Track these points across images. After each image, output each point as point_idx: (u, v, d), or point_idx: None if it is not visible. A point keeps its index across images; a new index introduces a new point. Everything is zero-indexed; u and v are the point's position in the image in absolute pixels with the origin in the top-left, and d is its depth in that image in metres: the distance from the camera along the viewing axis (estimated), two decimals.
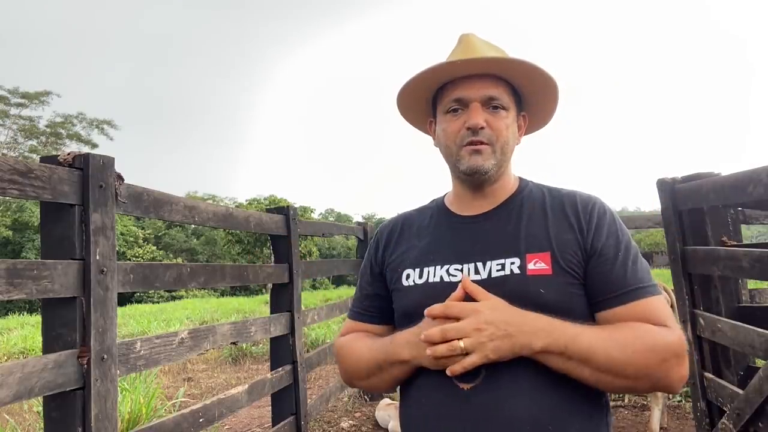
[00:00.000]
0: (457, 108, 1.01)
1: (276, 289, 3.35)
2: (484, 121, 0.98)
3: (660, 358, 0.85)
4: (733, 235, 2.60)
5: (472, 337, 0.85)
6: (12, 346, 9.15)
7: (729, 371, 2.50)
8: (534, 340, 0.85)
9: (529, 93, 1.08)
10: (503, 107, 1.01)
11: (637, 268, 0.94)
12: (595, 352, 0.85)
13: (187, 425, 2.14)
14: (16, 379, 1.43)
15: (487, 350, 0.85)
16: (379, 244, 1.15)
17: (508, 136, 1.01)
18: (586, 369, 0.86)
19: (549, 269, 0.93)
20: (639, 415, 3.99)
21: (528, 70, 1.00)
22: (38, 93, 30.44)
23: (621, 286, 0.92)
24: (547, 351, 0.86)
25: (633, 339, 0.86)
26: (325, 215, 66.01)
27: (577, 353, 0.85)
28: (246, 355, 7.63)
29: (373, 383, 1.05)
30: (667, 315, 0.91)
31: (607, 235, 0.96)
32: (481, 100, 1.00)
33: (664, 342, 0.86)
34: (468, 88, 1.00)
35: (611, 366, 0.84)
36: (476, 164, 0.99)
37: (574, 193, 1.04)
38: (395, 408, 3.92)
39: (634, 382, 0.86)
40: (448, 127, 1.02)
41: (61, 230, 1.66)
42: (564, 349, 0.85)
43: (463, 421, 0.89)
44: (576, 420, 0.89)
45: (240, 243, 33.90)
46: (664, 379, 0.86)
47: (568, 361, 0.86)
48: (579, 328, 0.87)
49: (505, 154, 1.02)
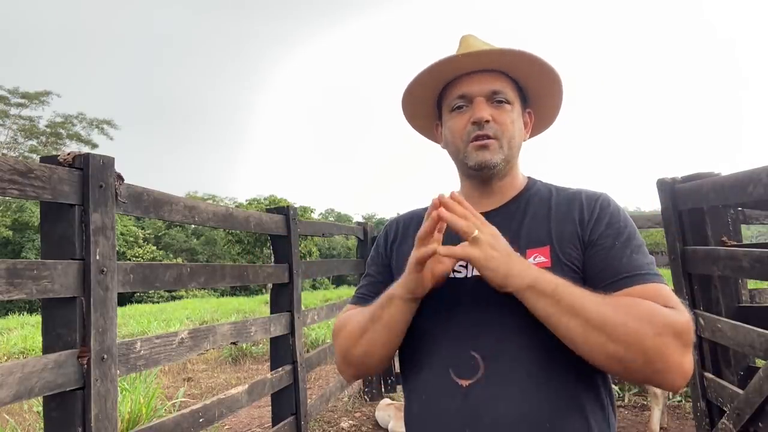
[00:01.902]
0: (462, 105, 1.01)
1: (276, 289, 3.35)
2: (489, 115, 0.98)
3: (655, 330, 0.77)
4: (733, 235, 2.60)
5: (485, 235, 0.85)
6: (12, 346, 9.16)
7: (729, 371, 2.50)
8: (526, 272, 0.84)
9: (533, 88, 1.07)
10: (507, 101, 1.01)
11: (638, 257, 0.90)
12: (586, 304, 0.81)
13: (187, 425, 2.14)
14: (16, 379, 1.43)
15: (486, 254, 0.84)
16: (387, 237, 1.15)
17: (513, 130, 1.01)
18: (575, 320, 0.80)
19: (548, 262, 0.92)
20: (639, 415, 3.99)
21: (528, 60, 1.00)
22: (38, 93, 30.46)
23: (617, 272, 0.88)
24: (535, 286, 0.83)
25: (630, 304, 0.81)
26: (325, 215, 66.03)
27: (568, 298, 0.81)
28: (246, 355, 7.63)
29: (365, 344, 0.96)
30: (673, 299, 0.84)
31: (607, 225, 0.95)
32: (485, 95, 0.99)
33: (663, 315, 0.79)
34: (471, 84, 1.00)
35: (602, 323, 0.79)
36: (484, 159, 0.98)
37: (581, 191, 1.03)
38: (395, 408, 3.92)
39: (626, 351, 0.78)
40: (453, 125, 1.02)
41: (61, 230, 1.66)
42: (554, 289, 0.82)
43: (461, 417, 0.89)
44: (575, 418, 0.89)
45: (240, 243, 33.93)
46: (660, 359, 0.77)
47: (556, 305, 0.81)
48: (568, 281, 0.85)
49: (512, 149, 1.01)
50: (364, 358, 0.98)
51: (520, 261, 0.86)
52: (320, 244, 40.50)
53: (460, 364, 0.92)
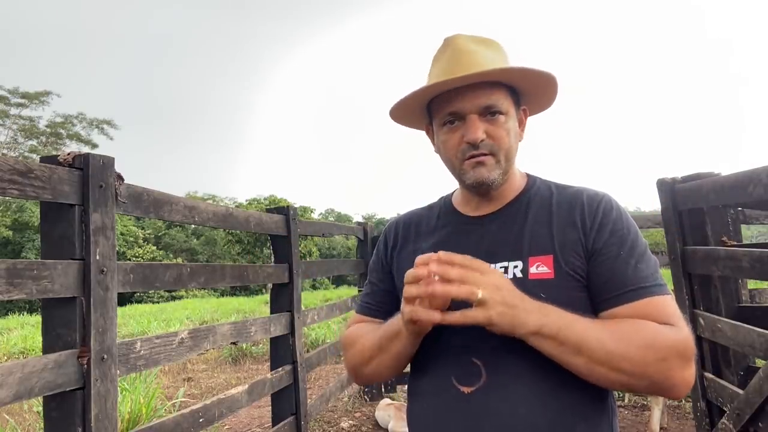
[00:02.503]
0: (453, 120, 0.97)
1: (276, 289, 3.35)
2: (484, 132, 0.95)
3: (659, 356, 0.80)
4: (733, 235, 2.60)
5: (488, 291, 0.80)
6: (12, 346, 9.17)
7: (729, 371, 2.50)
8: (530, 319, 0.82)
9: (527, 89, 1.04)
10: (502, 112, 0.96)
11: (642, 267, 0.90)
12: (589, 340, 0.81)
13: (187, 425, 2.14)
14: (16, 379, 1.43)
15: (495, 311, 0.80)
16: (387, 243, 1.14)
17: (510, 141, 0.98)
18: (579, 358, 0.82)
19: (551, 273, 0.91)
20: (639, 415, 3.99)
21: (522, 74, 0.97)
22: (38, 93, 30.50)
23: (622, 285, 0.88)
24: (540, 333, 0.82)
25: (631, 332, 0.82)
26: (325, 215, 66.04)
27: (571, 339, 0.81)
28: (246, 355, 7.63)
29: (374, 367, 1.01)
30: (674, 314, 0.86)
31: (611, 232, 0.93)
32: (478, 111, 0.95)
33: (664, 339, 0.81)
34: (462, 101, 0.95)
35: (606, 358, 0.81)
36: (481, 177, 0.96)
37: (581, 190, 1.00)
38: (395, 408, 3.92)
39: (630, 378, 0.81)
40: (447, 141, 0.99)
41: (61, 230, 1.66)
42: (557, 333, 0.81)
43: (463, 424, 0.88)
44: (579, 427, 0.88)
45: (240, 243, 33.97)
46: (664, 380, 0.81)
47: (560, 346, 0.82)
48: (575, 316, 0.84)
49: (510, 161, 0.99)
50: (374, 377, 1.05)
51: (525, 308, 0.83)
52: (320, 244, 40.51)
53: (461, 371, 0.91)
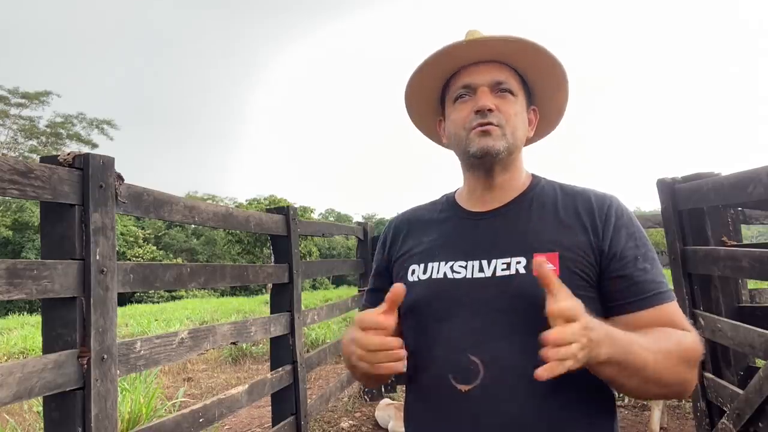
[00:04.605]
0: (465, 94, 1.00)
1: (276, 289, 3.35)
2: (493, 104, 0.97)
3: (689, 366, 0.86)
4: (733, 235, 2.61)
5: (581, 342, 0.73)
6: (12, 346, 9.17)
7: (729, 371, 2.50)
8: (603, 350, 0.77)
9: (538, 82, 1.06)
10: (511, 92, 1.00)
11: (656, 272, 0.93)
12: (647, 363, 0.81)
13: (187, 425, 2.14)
14: (16, 379, 1.43)
15: (581, 355, 0.74)
16: (386, 240, 1.14)
17: (517, 121, 1.00)
18: (635, 379, 0.81)
19: (557, 271, 0.90)
20: (639, 415, 3.99)
21: (533, 50, 0.99)
22: (38, 93, 30.47)
23: (642, 291, 0.91)
24: (608, 362, 0.78)
25: (670, 347, 0.84)
26: (325, 215, 66.03)
27: (633, 364, 0.80)
28: (246, 355, 7.63)
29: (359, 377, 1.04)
30: (684, 317, 0.92)
31: (627, 237, 0.94)
32: (489, 85, 0.99)
33: (689, 349, 0.86)
34: (475, 74, 1.00)
35: (657, 377, 0.82)
36: (486, 145, 0.96)
37: (588, 191, 1.00)
38: (395, 408, 3.92)
39: (667, 389, 0.86)
40: (456, 115, 1.01)
41: (61, 230, 1.66)
42: (623, 359, 0.79)
43: (461, 423, 0.88)
44: (578, 425, 0.88)
45: (240, 243, 33.96)
46: (690, 387, 0.87)
47: (622, 371, 0.80)
48: (630, 338, 0.81)
49: (516, 139, 1.00)
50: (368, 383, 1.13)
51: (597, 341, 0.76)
52: (320, 244, 40.51)
53: (459, 369, 0.90)
